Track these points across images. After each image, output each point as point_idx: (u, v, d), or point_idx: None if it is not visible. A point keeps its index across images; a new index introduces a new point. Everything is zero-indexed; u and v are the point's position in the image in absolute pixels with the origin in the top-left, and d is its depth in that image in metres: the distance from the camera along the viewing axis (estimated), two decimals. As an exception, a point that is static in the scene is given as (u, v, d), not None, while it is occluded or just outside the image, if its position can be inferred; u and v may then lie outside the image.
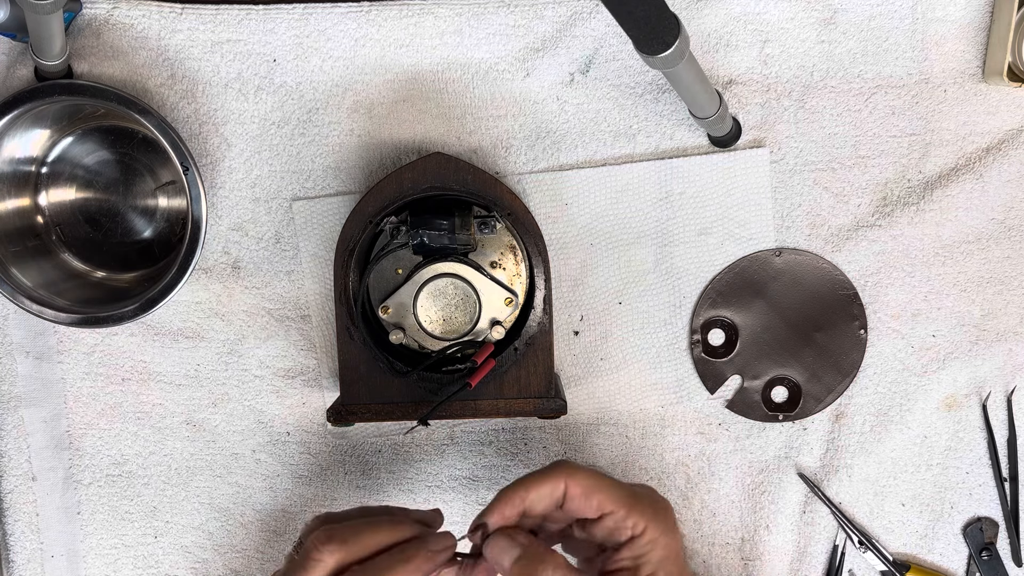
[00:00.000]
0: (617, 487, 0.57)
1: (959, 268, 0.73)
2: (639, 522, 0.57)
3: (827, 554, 0.75)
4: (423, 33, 0.71)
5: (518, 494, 0.57)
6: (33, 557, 0.76)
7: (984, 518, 0.75)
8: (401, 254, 0.69)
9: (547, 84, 0.72)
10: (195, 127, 0.72)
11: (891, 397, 0.74)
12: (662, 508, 0.58)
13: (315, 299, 0.74)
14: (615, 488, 0.57)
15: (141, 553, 0.76)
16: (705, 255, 0.74)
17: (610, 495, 0.57)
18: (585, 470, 0.57)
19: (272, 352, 0.75)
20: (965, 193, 0.73)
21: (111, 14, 0.71)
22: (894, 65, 0.72)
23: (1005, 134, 0.73)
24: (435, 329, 0.68)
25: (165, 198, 0.74)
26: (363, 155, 0.73)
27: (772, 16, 0.71)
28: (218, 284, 0.74)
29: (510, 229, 0.68)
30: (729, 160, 0.73)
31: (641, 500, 0.57)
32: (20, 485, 0.75)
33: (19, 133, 0.70)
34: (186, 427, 0.75)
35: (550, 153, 0.73)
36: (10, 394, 0.74)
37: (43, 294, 0.70)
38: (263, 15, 0.71)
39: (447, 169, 0.67)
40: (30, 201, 0.73)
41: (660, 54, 0.54)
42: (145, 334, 0.74)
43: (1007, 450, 0.75)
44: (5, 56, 0.71)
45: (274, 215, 0.73)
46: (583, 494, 0.57)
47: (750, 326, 0.74)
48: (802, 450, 0.75)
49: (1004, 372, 0.74)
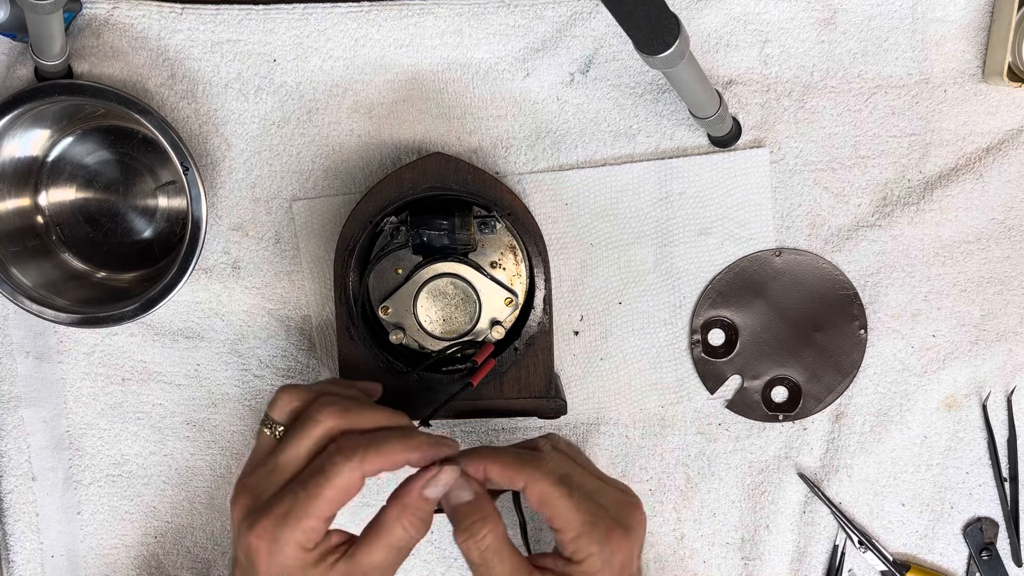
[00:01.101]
0: (573, 509, 0.56)
1: (959, 268, 0.73)
2: (579, 551, 0.56)
3: (827, 554, 0.75)
4: (423, 33, 0.71)
5: (484, 464, 0.58)
6: (33, 557, 0.76)
7: (984, 518, 0.75)
8: (401, 254, 0.69)
9: (547, 84, 0.72)
10: (195, 127, 0.72)
11: (891, 397, 0.74)
12: (615, 545, 0.57)
13: (315, 299, 0.74)
14: (571, 510, 0.56)
15: (141, 553, 0.76)
16: (705, 255, 0.74)
17: (564, 515, 0.56)
18: (551, 480, 0.57)
19: (272, 352, 0.75)
20: (965, 193, 0.73)
21: (111, 14, 0.71)
22: (894, 65, 0.72)
23: (1005, 134, 0.73)
24: (435, 329, 0.68)
25: (165, 198, 0.74)
26: (363, 155, 0.73)
27: (772, 16, 0.71)
28: (218, 284, 0.74)
29: (510, 229, 0.68)
30: (729, 160, 0.73)
31: (595, 528, 0.56)
32: (20, 485, 0.75)
33: (19, 133, 0.70)
34: (186, 427, 0.75)
35: (550, 153, 0.73)
36: (10, 394, 0.74)
37: (43, 294, 0.70)
38: (263, 15, 0.71)
39: (447, 169, 0.67)
40: (30, 201, 0.73)
41: (660, 54, 0.54)
42: (145, 334, 0.74)
43: (1007, 450, 0.75)
44: (5, 56, 0.71)
45: (274, 215, 0.73)
46: (538, 503, 0.57)
47: (750, 326, 0.74)
48: (802, 450, 0.75)
49: (1004, 372, 0.74)
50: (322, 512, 0.54)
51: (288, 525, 0.54)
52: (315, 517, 0.54)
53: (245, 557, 0.55)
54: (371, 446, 0.55)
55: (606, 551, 0.56)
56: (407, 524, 0.56)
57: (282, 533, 0.54)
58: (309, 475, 0.55)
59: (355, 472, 0.54)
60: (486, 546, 0.56)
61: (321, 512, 0.54)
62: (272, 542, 0.54)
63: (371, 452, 0.55)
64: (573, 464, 0.59)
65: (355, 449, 0.55)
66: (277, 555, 0.54)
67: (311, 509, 0.54)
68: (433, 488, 0.56)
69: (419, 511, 0.56)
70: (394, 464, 0.55)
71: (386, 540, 0.56)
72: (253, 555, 0.54)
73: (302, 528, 0.54)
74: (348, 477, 0.54)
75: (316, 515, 0.54)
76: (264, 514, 0.54)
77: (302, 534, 0.54)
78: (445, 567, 0.76)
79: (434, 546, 0.75)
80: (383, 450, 0.55)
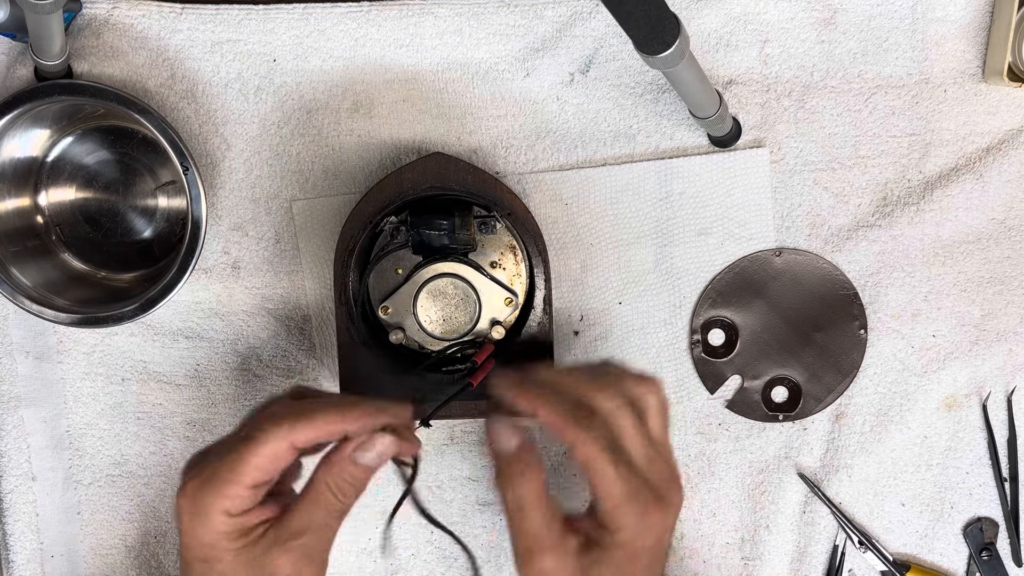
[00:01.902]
0: (618, 480, 0.53)
1: (959, 268, 0.73)
2: (618, 521, 0.54)
3: (827, 554, 0.75)
4: (423, 33, 0.71)
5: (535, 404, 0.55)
6: (33, 557, 0.76)
7: (984, 518, 0.75)
8: (401, 254, 0.69)
9: (547, 84, 0.72)
10: (195, 127, 0.72)
11: (891, 397, 0.74)
12: (656, 513, 0.54)
13: (315, 299, 0.74)
14: (615, 482, 0.53)
15: (141, 553, 0.76)
16: (705, 255, 0.74)
17: (605, 484, 0.53)
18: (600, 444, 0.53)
19: (272, 352, 0.75)
20: (965, 193, 0.73)
21: (111, 14, 0.71)
22: (894, 65, 0.72)
23: (1005, 134, 0.73)
24: (435, 329, 0.68)
25: (165, 198, 0.74)
26: (363, 155, 0.73)
27: (772, 16, 0.71)
28: (218, 284, 0.74)
29: (510, 229, 0.68)
30: (729, 160, 0.73)
31: (635, 501, 0.54)
32: (20, 485, 0.75)
33: (19, 133, 0.70)
34: (186, 427, 0.75)
35: (550, 153, 0.73)
36: (10, 394, 0.74)
37: (43, 294, 0.70)
38: (263, 15, 0.71)
39: (447, 169, 0.67)
40: (30, 201, 0.73)
41: (660, 54, 0.54)
42: (145, 334, 0.74)
43: (1007, 450, 0.75)
44: (5, 56, 0.71)
45: (274, 215, 0.73)
46: (582, 464, 0.54)
47: (750, 326, 0.74)
48: (802, 450, 0.75)
49: (1004, 372, 0.74)
50: (247, 479, 0.53)
51: (211, 489, 0.53)
52: (239, 484, 0.53)
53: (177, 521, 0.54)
54: (302, 413, 0.54)
55: (642, 525, 0.54)
56: (333, 485, 0.55)
57: (205, 496, 0.53)
58: (236, 440, 0.54)
59: (282, 440, 0.53)
60: (522, 495, 0.55)
61: (246, 479, 0.53)
62: (195, 503, 0.53)
63: (301, 420, 0.54)
64: (628, 429, 0.56)
65: (285, 416, 0.54)
66: (202, 519, 0.53)
67: (235, 475, 0.53)
68: (363, 453, 0.55)
69: (346, 473, 0.55)
70: (327, 434, 0.54)
71: (312, 501, 0.55)
72: (181, 516, 0.54)
73: (225, 493, 0.53)
74: (275, 445, 0.53)
75: (240, 481, 0.53)
76: (192, 476, 0.54)
77: (227, 500, 0.53)
78: (445, 567, 0.76)
79: (434, 546, 0.75)
80: (314, 418, 0.54)
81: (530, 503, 0.55)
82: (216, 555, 0.54)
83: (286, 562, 0.54)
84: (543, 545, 0.54)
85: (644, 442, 0.56)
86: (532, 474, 0.55)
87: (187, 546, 0.54)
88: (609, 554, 0.54)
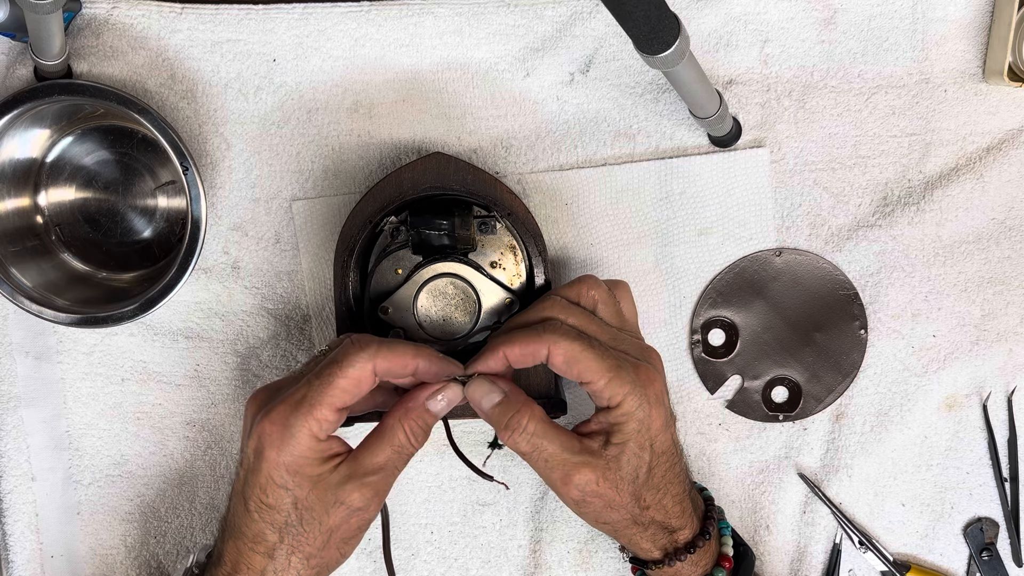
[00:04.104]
0: (599, 358, 0.58)
1: (959, 268, 0.73)
2: (616, 395, 0.58)
3: (827, 554, 0.75)
4: (423, 33, 0.71)
5: (502, 350, 0.59)
6: (33, 557, 0.76)
7: (984, 518, 0.75)
8: (401, 254, 0.69)
9: (547, 84, 0.72)
10: (195, 127, 0.72)
11: (891, 397, 0.74)
12: (644, 379, 0.59)
13: (315, 299, 0.74)
14: (597, 359, 0.58)
15: (142, 554, 0.76)
16: (705, 255, 0.74)
17: (590, 366, 0.57)
18: (570, 337, 0.58)
19: (272, 352, 0.75)
20: (965, 193, 0.73)
21: (111, 14, 0.71)
22: (894, 65, 0.72)
23: (1005, 134, 0.73)
24: (435, 329, 0.68)
25: (165, 198, 0.74)
26: (363, 155, 0.73)
27: (772, 16, 0.71)
28: (218, 284, 0.74)
29: (510, 229, 0.68)
30: (729, 160, 0.73)
31: (622, 372, 0.58)
32: (20, 485, 0.75)
33: (19, 133, 0.70)
34: (186, 427, 0.75)
35: (550, 153, 0.73)
36: (10, 394, 0.74)
37: (43, 294, 0.70)
38: (263, 15, 0.71)
39: (447, 169, 0.67)
40: (30, 201, 0.73)
41: (660, 54, 0.54)
42: (145, 334, 0.74)
43: (1007, 450, 0.75)
44: (5, 56, 0.71)
45: (274, 215, 0.73)
46: (564, 363, 0.58)
47: (750, 326, 0.74)
48: (802, 450, 0.75)
49: (1004, 372, 0.74)
50: (335, 401, 0.56)
51: (302, 412, 0.56)
52: (327, 406, 0.56)
53: (255, 450, 0.57)
54: (384, 344, 0.57)
55: (638, 388, 0.58)
56: (408, 429, 0.58)
57: (296, 419, 0.56)
58: (324, 366, 0.57)
59: (367, 364, 0.56)
60: (531, 432, 0.58)
61: (334, 401, 0.56)
62: (285, 427, 0.56)
63: (384, 349, 0.57)
64: (587, 319, 0.61)
65: (369, 343, 0.57)
66: (289, 441, 0.56)
67: (324, 397, 0.56)
68: (435, 401, 0.59)
69: (420, 419, 0.59)
70: (404, 366, 0.58)
71: (388, 442, 0.58)
72: (265, 442, 0.56)
73: (315, 416, 0.56)
74: (360, 368, 0.56)
75: (329, 404, 0.56)
76: (280, 402, 0.57)
77: (315, 423, 0.56)
78: (445, 567, 0.76)
79: (434, 546, 0.75)
80: (395, 349, 0.57)
81: (540, 435, 0.58)
82: (298, 481, 0.57)
83: (360, 497, 0.57)
84: (571, 464, 0.58)
85: (604, 327, 0.61)
86: (527, 411, 0.59)
87: (266, 473, 0.57)
88: (624, 433, 0.58)
